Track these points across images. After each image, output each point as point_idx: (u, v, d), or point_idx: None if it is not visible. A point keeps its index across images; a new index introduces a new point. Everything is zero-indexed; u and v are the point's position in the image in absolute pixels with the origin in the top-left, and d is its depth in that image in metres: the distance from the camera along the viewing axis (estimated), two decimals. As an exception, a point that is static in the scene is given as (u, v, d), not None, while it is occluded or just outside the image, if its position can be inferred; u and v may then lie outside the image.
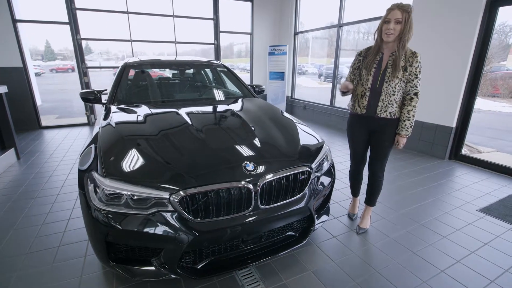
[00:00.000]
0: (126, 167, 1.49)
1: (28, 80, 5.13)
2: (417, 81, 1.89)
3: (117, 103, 2.46)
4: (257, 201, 1.52)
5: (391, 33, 1.77)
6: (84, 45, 5.45)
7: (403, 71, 1.85)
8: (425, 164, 3.74)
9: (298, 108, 7.03)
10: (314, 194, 1.79)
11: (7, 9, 4.65)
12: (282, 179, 1.61)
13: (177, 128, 1.91)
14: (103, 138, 1.77)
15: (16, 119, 5.07)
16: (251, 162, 1.58)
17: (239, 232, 1.51)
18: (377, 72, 1.91)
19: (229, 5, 6.58)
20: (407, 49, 1.86)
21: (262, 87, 3.46)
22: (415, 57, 1.85)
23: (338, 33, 5.61)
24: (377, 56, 1.92)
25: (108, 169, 1.47)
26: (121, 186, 1.39)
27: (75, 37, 5.19)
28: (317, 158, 1.85)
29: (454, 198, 2.80)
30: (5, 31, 4.71)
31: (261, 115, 2.29)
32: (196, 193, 1.40)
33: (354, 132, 2.15)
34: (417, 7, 3.97)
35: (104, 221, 1.40)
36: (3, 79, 4.76)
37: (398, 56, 1.82)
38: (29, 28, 5.10)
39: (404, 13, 1.73)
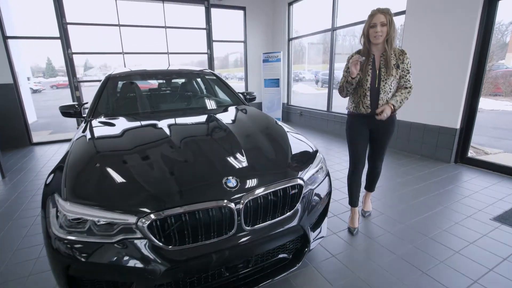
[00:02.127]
0: (91, 188, 1.32)
1: (19, 96, 5.03)
2: (409, 76, 2.01)
3: (97, 117, 2.31)
4: (240, 222, 1.34)
5: (380, 35, 1.88)
6: (85, 60, 5.39)
7: (396, 68, 1.96)
8: (430, 169, 3.53)
9: (294, 115, 6.87)
10: (308, 210, 1.60)
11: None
12: (270, 195, 1.42)
13: (153, 142, 1.73)
14: (73, 154, 1.61)
15: (7, 136, 4.96)
16: (233, 177, 1.40)
17: (221, 259, 1.31)
18: (373, 73, 2.00)
19: (221, 14, 6.52)
20: (395, 48, 1.98)
21: (253, 94, 3.32)
22: (404, 54, 1.98)
23: (332, 37, 5.50)
24: (369, 58, 2.00)
25: (71, 190, 1.29)
26: (83, 210, 1.21)
27: (66, 51, 5.11)
28: (309, 169, 1.66)
29: (464, 206, 2.59)
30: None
31: (249, 124, 2.12)
32: (167, 217, 1.22)
33: (356, 132, 2.16)
34: (414, 7, 3.85)
35: (65, 252, 1.21)
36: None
37: (389, 55, 1.94)
38: (30, 45, 5.02)
39: (386, 16, 1.86)
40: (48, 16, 4.90)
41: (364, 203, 2.52)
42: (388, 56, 1.93)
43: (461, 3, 3.31)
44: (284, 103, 7.22)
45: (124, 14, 5.49)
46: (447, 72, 3.56)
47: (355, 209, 2.30)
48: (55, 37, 5.01)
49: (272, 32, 7.12)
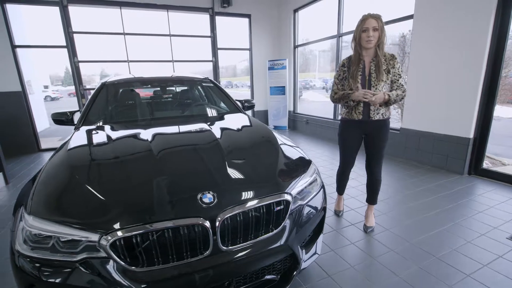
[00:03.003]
0: (56, 202, 1.23)
1: (27, 104, 5.13)
2: (402, 80, 2.01)
3: (86, 125, 2.26)
4: (217, 241, 1.21)
5: (372, 40, 1.90)
6: (101, 69, 5.48)
7: (387, 73, 1.97)
8: (441, 180, 3.31)
9: (300, 122, 6.73)
10: (297, 227, 1.47)
11: (6, 36, 4.72)
12: (251, 212, 1.30)
13: (132, 154, 1.63)
14: (48, 165, 1.54)
15: (15, 142, 5.05)
16: (210, 192, 1.28)
17: (195, 282, 1.19)
18: (363, 79, 2.01)
19: (226, 22, 6.53)
20: (385, 53, 1.99)
21: (252, 102, 3.21)
22: (394, 59, 1.99)
23: (338, 43, 5.37)
24: (360, 64, 2.01)
25: (36, 204, 1.22)
26: (45, 226, 1.13)
27: (73, 60, 5.21)
28: (299, 182, 1.53)
29: (477, 222, 2.37)
30: (5, 57, 4.77)
31: (240, 134, 2.01)
32: (132, 235, 1.11)
33: (349, 137, 2.21)
34: (422, 10, 3.70)
35: (28, 270, 1.13)
36: (2, 103, 4.77)
37: (380, 60, 1.94)
38: (49, 55, 5.15)
39: (378, 21, 1.89)
40: (55, 25, 5.01)
41: (366, 217, 2.38)
42: (379, 61, 1.94)
43: (473, 7, 3.13)
44: (291, 111, 7.09)
45: (129, 22, 5.57)
46: (459, 78, 3.36)
47: (341, 196, 2.57)
48: (62, 46, 5.11)
49: (277, 39, 7.06)
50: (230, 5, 6.15)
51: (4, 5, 4.63)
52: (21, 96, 4.99)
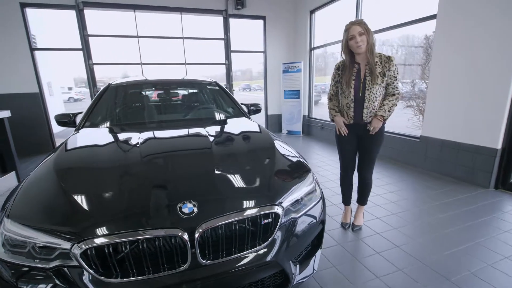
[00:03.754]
0: (35, 207, 1.20)
1: (44, 105, 5.31)
2: (397, 83, 2.02)
3: (86, 127, 2.24)
4: (195, 254, 1.11)
5: (360, 44, 1.91)
6: (123, 71, 5.62)
7: (382, 76, 1.97)
8: (463, 194, 3.02)
9: (315, 128, 6.52)
10: (290, 242, 1.33)
11: (25, 39, 4.92)
12: (235, 225, 1.18)
13: (119, 159, 1.55)
14: (37, 168, 1.51)
15: (30, 142, 5.22)
16: (191, 202, 1.18)
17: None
18: (357, 83, 2.02)
19: (240, 24, 6.48)
20: (382, 55, 1.99)
21: (258, 105, 3.11)
22: (390, 61, 1.97)
23: (355, 45, 5.14)
24: (354, 68, 2.02)
25: (15, 208, 1.19)
26: (20, 230, 1.09)
27: (87, 62, 5.34)
28: (294, 193, 1.39)
29: (501, 243, 2.10)
30: (23, 59, 4.97)
31: (236, 140, 1.90)
32: (104, 245, 1.03)
33: (344, 140, 2.21)
34: (447, 9, 3.44)
35: (4, 275, 1.09)
36: (20, 104, 4.97)
37: (372, 64, 1.95)
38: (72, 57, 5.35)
39: (362, 25, 1.90)
40: (72, 28, 5.17)
41: (355, 217, 2.41)
42: (372, 64, 1.95)
43: (505, 4, 2.85)
44: (305, 116, 6.90)
45: (143, 25, 5.65)
46: (486, 83, 3.06)
47: (348, 208, 2.46)
48: (78, 48, 5.26)
49: (293, 41, 6.92)
50: (244, 7, 6.10)
51: (24, 9, 4.83)
52: (38, 98, 5.17)
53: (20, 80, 5.01)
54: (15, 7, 4.78)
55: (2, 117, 3.51)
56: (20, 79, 5.00)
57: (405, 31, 5.59)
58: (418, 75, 5.34)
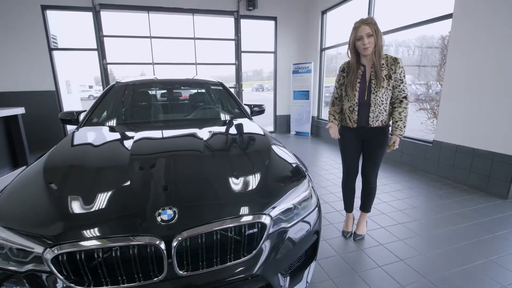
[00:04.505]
0: (16, 209, 1.19)
1: (60, 102, 5.48)
2: (404, 86, 1.93)
3: (87, 125, 2.26)
4: (172, 264, 1.06)
5: (368, 47, 1.81)
6: (141, 71, 5.75)
7: (388, 79, 1.88)
8: (478, 205, 2.83)
9: (324, 129, 6.37)
10: (279, 253, 1.26)
11: (45, 39, 5.10)
12: (216, 235, 1.13)
13: (106, 161, 1.53)
14: (30, 167, 1.52)
15: (45, 139, 5.38)
16: (171, 208, 1.13)
17: None
18: (362, 86, 1.93)
19: (251, 25, 6.44)
20: (388, 56, 1.91)
21: (262, 106, 3.05)
22: (397, 63, 1.88)
23: (368, 46, 4.98)
24: (359, 71, 1.94)
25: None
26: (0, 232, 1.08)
27: (102, 62, 5.47)
28: (286, 201, 1.32)
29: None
30: (42, 59, 5.15)
31: (230, 142, 1.85)
32: (75, 251, 1.00)
33: (347, 143, 2.14)
34: (464, 8, 3.26)
35: None
36: (37, 102, 5.15)
37: (378, 66, 1.86)
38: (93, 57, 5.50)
39: (371, 26, 1.80)
40: (88, 29, 5.31)
41: (358, 225, 2.30)
42: (377, 67, 1.86)
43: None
44: (314, 117, 6.77)
45: (155, 26, 5.73)
46: (506, 85, 2.86)
47: (350, 215, 2.34)
48: (93, 48, 5.40)
49: (303, 42, 6.80)
50: (256, 8, 6.06)
51: (44, 11, 5.01)
52: (54, 96, 5.35)
53: (38, 78, 5.20)
54: (36, 9, 4.97)
55: (16, 114, 3.64)
56: (38, 77, 5.19)
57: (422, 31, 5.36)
58: (432, 76, 5.11)
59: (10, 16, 4.85)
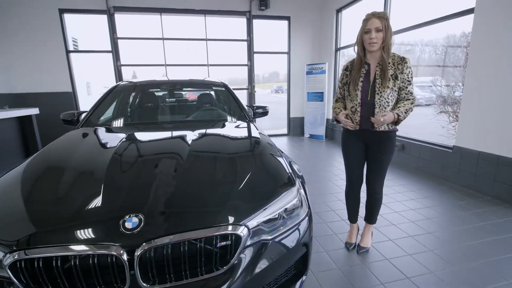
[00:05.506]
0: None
1: (76, 103, 5.67)
2: (411, 88, 1.78)
3: (86, 126, 2.26)
4: (135, 276, 0.98)
5: (374, 42, 1.68)
6: (163, 73, 5.88)
7: (394, 79, 1.74)
8: (502, 218, 2.54)
9: (339, 132, 6.14)
10: (257, 268, 1.15)
11: (62, 42, 5.29)
12: (183, 246, 1.04)
13: (87, 162, 1.49)
14: (15, 168, 1.50)
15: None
16: (138, 215, 1.06)
17: None
18: (366, 85, 1.80)
19: (263, 25, 6.35)
20: (395, 55, 1.77)
21: (266, 108, 2.95)
22: (404, 63, 1.74)
23: (384, 45, 4.73)
24: (363, 69, 1.81)
25: None
26: None
27: (116, 63, 5.60)
28: (266, 211, 1.21)
29: (547, 287, 1.69)
30: (60, 61, 5.35)
31: (218, 145, 1.76)
32: (32, 258, 0.95)
33: (350, 147, 1.99)
34: (487, 2, 2.98)
35: None
36: (54, 102, 5.35)
37: (385, 65, 1.72)
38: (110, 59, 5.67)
39: (382, 20, 1.67)
40: (103, 31, 5.46)
41: (362, 236, 2.13)
42: (385, 65, 1.72)
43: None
44: (329, 119, 6.55)
45: (168, 27, 5.79)
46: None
47: (354, 225, 2.19)
48: (108, 50, 5.54)
49: (318, 42, 6.61)
50: (268, 8, 5.96)
51: (62, 15, 5.20)
52: (71, 97, 5.53)
53: (55, 80, 5.40)
54: (54, 13, 5.17)
55: (30, 114, 3.78)
56: (55, 79, 5.39)
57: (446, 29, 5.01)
58: (454, 77, 4.75)
59: (29, 19, 5.06)
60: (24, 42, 5.11)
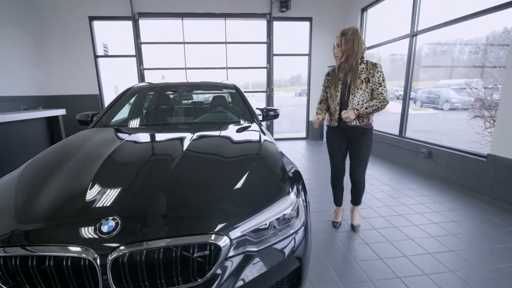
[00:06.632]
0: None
1: (102, 104, 5.97)
2: (382, 89, 2.05)
3: (98, 126, 2.33)
4: (108, 282, 0.95)
5: (336, 55, 2.11)
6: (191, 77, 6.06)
7: (366, 82, 2.06)
8: (543, 238, 2.22)
9: (361, 137, 5.85)
10: (239, 281, 1.08)
11: (91, 47, 5.61)
12: (157, 253, 0.99)
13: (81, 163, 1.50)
14: (24, 165, 1.56)
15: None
16: (115, 219, 1.03)
17: None
18: (344, 87, 2.13)
19: (284, 27, 6.26)
20: (368, 62, 2.08)
21: (277, 110, 2.87)
22: (375, 68, 2.04)
23: (411, 44, 4.44)
24: (341, 74, 2.13)
25: None
26: None
27: (139, 67, 5.82)
28: (252, 221, 1.13)
29: None
30: (88, 65, 5.68)
31: (212, 149, 1.71)
32: (8, 256, 0.96)
33: (333, 143, 2.32)
34: None
35: None
36: (82, 104, 5.68)
37: (355, 70, 2.05)
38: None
39: (342, 37, 2.03)
40: (129, 37, 5.71)
41: (352, 217, 2.47)
42: (355, 71, 2.05)
43: None
44: (351, 123, 6.27)
45: (188, 32, 5.91)
46: None
47: (339, 208, 2.54)
48: (132, 55, 5.78)
49: (340, 43, 6.38)
50: (289, 9, 5.87)
51: (91, 22, 5.52)
52: (98, 99, 5.84)
53: (84, 83, 5.74)
54: (84, 20, 5.51)
55: (57, 115, 4.02)
56: (84, 82, 5.74)
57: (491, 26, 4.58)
58: (494, 78, 4.30)
59: (62, 28, 5.45)
60: (57, 49, 5.51)
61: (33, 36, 5.16)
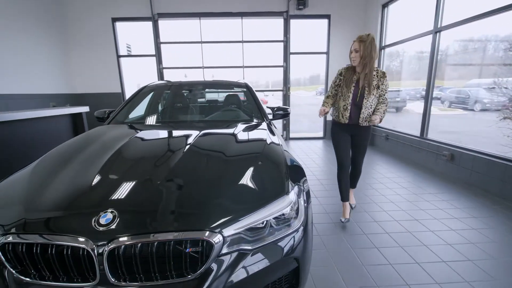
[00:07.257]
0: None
1: (124, 102, 6.22)
2: (386, 96, 2.30)
3: (113, 123, 2.43)
4: (104, 271, 0.99)
5: (354, 59, 2.23)
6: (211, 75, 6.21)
7: (377, 88, 2.26)
8: None
9: (379, 137, 5.66)
10: (232, 278, 1.08)
11: (114, 47, 5.86)
12: (151, 247, 1.01)
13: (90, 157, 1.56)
14: (39, 159, 1.66)
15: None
16: (113, 212, 1.07)
17: None
18: (356, 90, 2.29)
19: (301, 24, 6.17)
20: (378, 70, 2.25)
21: (287, 109, 2.84)
22: (384, 77, 2.26)
23: (434, 41, 4.22)
24: (354, 76, 2.29)
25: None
26: None
27: (158, 66, 5.99)
28: (247, 220, 1.13)
29: None
30: (111, 65, 5.93)
31: (214, 146, 1.72)
32: (18, 243, 1.02)
33: (340, 139, 2.47)
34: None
35: None
36: (106, 102, 5.94)
37: (370, 77, 2.22)
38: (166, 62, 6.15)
39: (360, 43, 2.16)
40: (148, 37, 5.89)
41: (349, 198, 2.66)
42: (369, 77, 2.22)
43: None
44: (369, 123, 6.08)
45: (206, 31, 5.99)
46: None
47: (346, 203, 2.57)
48: (152, 54, 5.96)
49: (360, 40, 6.19)
50: (306, 7, 5.78)
51: (114, 23, 5.76)
52: (120, 97, 6.09)
53: (108, 82, 6.01)
54: (108, 22, 5.75)
55: (81, 112, 4.24)
56: (108, 81, 6.01)
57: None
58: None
59: (87, 29, 5.73)
60: (83, 49, 5.80)
61: (61, 38, 5.47)
